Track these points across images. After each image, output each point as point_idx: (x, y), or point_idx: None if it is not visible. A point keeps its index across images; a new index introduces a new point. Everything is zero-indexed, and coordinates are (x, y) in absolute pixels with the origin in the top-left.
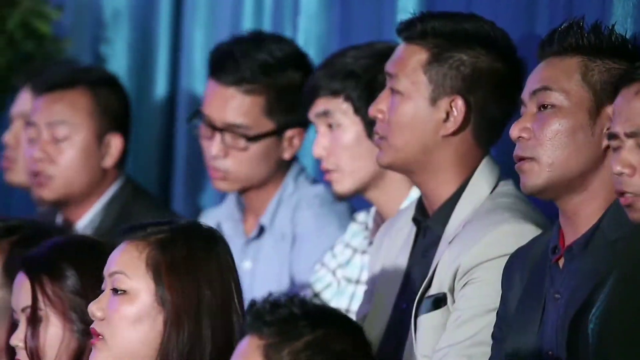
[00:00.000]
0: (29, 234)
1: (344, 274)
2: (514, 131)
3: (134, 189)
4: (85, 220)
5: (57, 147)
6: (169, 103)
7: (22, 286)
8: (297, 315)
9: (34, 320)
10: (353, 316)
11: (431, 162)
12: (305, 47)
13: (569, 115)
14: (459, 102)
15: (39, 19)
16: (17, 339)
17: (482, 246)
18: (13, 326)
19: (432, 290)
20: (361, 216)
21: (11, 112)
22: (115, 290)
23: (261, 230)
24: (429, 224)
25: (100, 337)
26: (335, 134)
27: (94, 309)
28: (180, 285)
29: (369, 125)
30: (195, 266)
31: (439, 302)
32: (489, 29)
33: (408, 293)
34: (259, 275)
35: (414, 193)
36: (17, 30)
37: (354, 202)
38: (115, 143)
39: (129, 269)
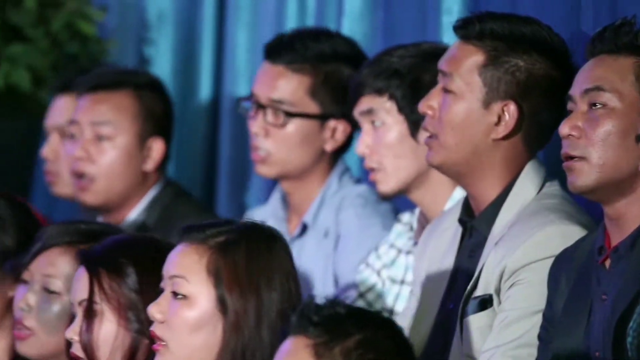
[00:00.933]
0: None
1: (389, 275)
2: (564, 129)
3: (175, 191)
4: (126, 223)
5: (99, 147)
6: (213, 104)
7: (81, 279)
8: (342, 315)
9: (89, 314)
10: (398, 317)
11: (480, 164)
12: None
13: (622, 116)
14: (512, 108)
15: (84, 20)
16: (72, 332)
17: (528, 248)
18: (71, 320)
19: (478, 291)
20: (405, 217)
21: (46, 124)
22: (175, 294)
23: (304, 228)
24: (475, 224)
25: (163, 342)
26: (379, 133)
27: (154, 311)
28: (240, 292)
29: (413, 124)
30: (256, 271)
31: (485, 303)
32: (546, 35)
33: (455, 293)
34: (302, 274)
35: (458, 193)
36: (61, 32)
37: (398, 202)
38: (157, 147)
39: (189, 274)
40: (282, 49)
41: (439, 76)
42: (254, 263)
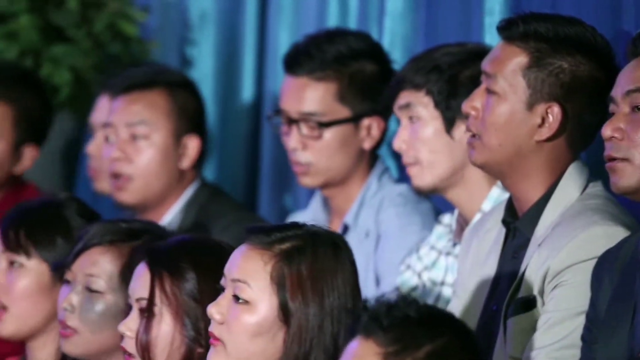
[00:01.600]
0: (150, 241)
1: (429, 276)
2: (607, 131)
3: (211, 191)
4: (163, 223)
5: (136, 147)
6: (255, 104)
7: (142, 276)
8: (414, 320)
9: (149, 314)
10: None
11: (523, 165)
12: (391, 47)
13: None
14: (556, 109)
15: (126, 21)
16: (126, 327)
17: (571, 249)
18: (124, 313)
19: (522, 293)
20: (446, 218)
21: (92, 121)
22: (236, 298)
23: (345, 229)
24: (518, 225)
25: (220, 341)
26: (415, 127)
27: (214, 311)
28: (303, 301)
29: (448, 120)
30: (320, 279)
31: (529, 304)
32: (590, 36)
33: (498, 294)
34: None
35: (494, 192)
36: (103, 33)
37: (438, 204)
38: (192, 144)
39: (253, 280)
40: (301, 59)
41: (482, 77)
42: (318, 273)
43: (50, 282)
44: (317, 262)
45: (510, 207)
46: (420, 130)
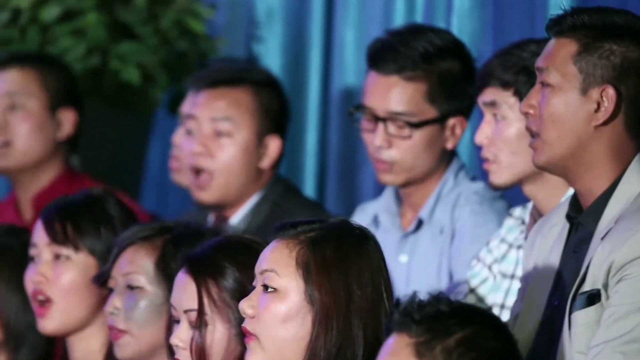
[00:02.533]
0: (182, 233)
1: (500, 269)
2: None
3: (284, 188)
4: (236, 219)
5: (218, 143)
6: (322, 101)
7: (187, 287)
8: (445, 312)
9: (201, 325)
10: (508, 311)
11: (585, 155)
12: None
13: None
14: (610, 92)
15: (193, 18)
16: (179, 339)
17: (635, 242)
18: (170, 322)
19: (586, 287)
20: (517, 211)
21: (181, 111)
22: (265, 288)
23: (419, 224)
24: (581, 220)
25: (254, 337)
26: (499, 126)
27: (245, 306)
28: (329, 285)
29: None
30: (345, 265)
31: (593, 298)
32: (638, 25)
33: (560, 289)
34: (415, 269)
35: (572, 192)
36: (170, 30)
37: (511, 197)
38: (273, 145)
39: (280, 267)
40: (388, 56)
41: (537, 75)
42: (344, 258)
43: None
44: (341, 247)
45: (575, 203)
46: (503, 130)
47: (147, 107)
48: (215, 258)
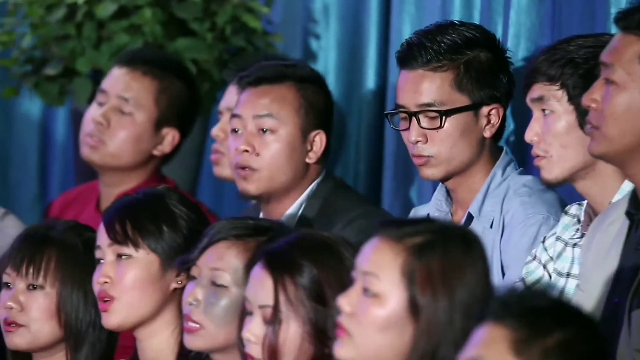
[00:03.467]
0: (277, 236)
1: (555, 267)
2: None
3: (335, 184)
4: (286, 215)
5: (263, 140)
6: (379, 98)
7: (263, 282)
8: (544, 309)
9: (275, 322)
10: None
11: None
12: (516, 39)
13: None
14: None
15: (249, 14)
16: (251, 334)
17: None
18: (243, 315)
19: None
20: (573, 209)
21: (220, 106)
22: (366, 290)
23: (469, 219)
24: None
25: (347, 332)
26: (548, 121)
27: (344, 302)
28: (434, 297)
29: (582, 115)
30: (450, 274)
31: None
32: None
33: (621, 287)
34: None
35: (627, 185)
36: (227, 26)
37: (563, 194)
38: (318, 140)
39: (382, 272)
40: (415, 53)
41: (601, 68)
42: (449, 267)
43: (159, 272)
44: (447, 256)
45: (634, 199)
46: (552, 124)
47: (203, 103)
48: (293, 254)
